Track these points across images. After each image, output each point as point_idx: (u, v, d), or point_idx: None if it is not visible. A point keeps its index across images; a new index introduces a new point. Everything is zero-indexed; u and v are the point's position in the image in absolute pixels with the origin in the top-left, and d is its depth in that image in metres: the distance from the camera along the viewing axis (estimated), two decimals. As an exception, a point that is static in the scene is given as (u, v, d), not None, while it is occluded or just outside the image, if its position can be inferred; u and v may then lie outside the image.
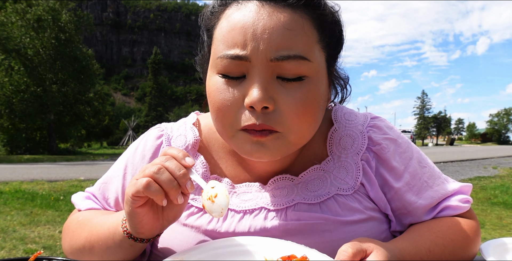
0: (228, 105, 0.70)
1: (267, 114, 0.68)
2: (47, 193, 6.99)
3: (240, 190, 0.84)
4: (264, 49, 0.67)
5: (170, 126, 0.93)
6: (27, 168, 12.91)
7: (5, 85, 23.19)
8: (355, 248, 0.61)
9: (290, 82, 0.69)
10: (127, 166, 0.90)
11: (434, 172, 0.86)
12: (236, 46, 0.68)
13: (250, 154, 0.72)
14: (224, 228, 0.79)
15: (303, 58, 0.68)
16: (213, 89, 0.72)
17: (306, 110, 0.70)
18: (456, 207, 0.82)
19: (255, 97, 0.66)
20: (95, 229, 0.79)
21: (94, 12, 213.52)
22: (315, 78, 0.71)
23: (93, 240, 0.79)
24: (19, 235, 4.36)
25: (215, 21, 0.75)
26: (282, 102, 0.68)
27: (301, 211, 0.78)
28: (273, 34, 0.67)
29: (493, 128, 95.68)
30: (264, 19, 0.67)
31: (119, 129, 66.49)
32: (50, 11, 24.35)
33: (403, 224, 0.84)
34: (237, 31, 0.68)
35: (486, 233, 4.63)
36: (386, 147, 0.84)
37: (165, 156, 0.68)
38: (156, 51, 75.03)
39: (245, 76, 0.69)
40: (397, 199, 0.82)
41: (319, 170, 0.83)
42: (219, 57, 0.70)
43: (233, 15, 0.70)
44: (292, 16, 0.68)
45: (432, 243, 0.74)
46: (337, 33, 0.77)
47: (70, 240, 0.85)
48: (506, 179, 9.60)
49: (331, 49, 0.77)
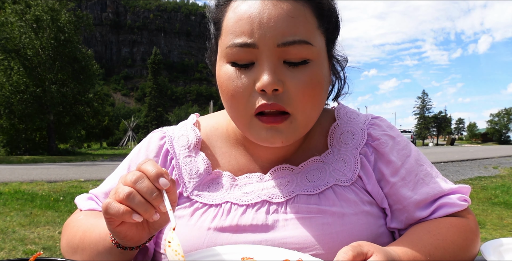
0: (241, 91, 0.75)
1: (277, 95, 0.73)
2: (46, 194, 6.99)
3: (241, 182, 0.87)
4: (271, 36, 0.72)
5: (171, 128, 0.97)
6: (26, 168, 12.91)
7: (4, 86, 23.19)
8: (355, 250, 0.62)
9: (296, 66, 0.74)
10: (131, 166, 0.92)
11: (431, 171, 0.87)
12: (244, 35, 0.73)
13: (266, 140, 0.76)
14: (227, 222, 0.81)
15: (307, 43, 0.73)
16: (224, 78, 0.77)
17: (311, 90, 0.75)
18: (453, 204, 0.82)
19: (265, 80, 0.71)
20: (89, 231, 0.81)
21: (93, 12, 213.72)
22: (318, 61, 0.76)
23: (85, 242, 0.80)
24: (18, 236, 4.36)
25: (222, 14, 0.79)
26: (290, 84, 0.74)
27: (300, 203, 0.81)
28: (278, 22, 0.72)
29: (493, 128, 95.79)
30: (269, 8, 0.72)
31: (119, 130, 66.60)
32: (49, 12, 24.34)
33: (399, 220, 0.84)
34: (244, 21, 0.73)
35: (487, 233, 4.63)
36: (384, 142, 0.87)
37: (138, 173, 0.66)
38: (156, 51, 75.04)
39: (253, 63, 0.74)
40: (393, 193, 0.84)
41: (319, 161, 0.87)
42: (228, 47, 0.75)
43: (240, 7, 0.75)
44: (294, 5, 0.74)
45: (432, 246, 0.74)
46: (334, 19, 0.83)
47: (67, 238, 0.86)
48: (507, 179, 9.61)
49: (330, 34, 0.82)
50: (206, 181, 0.88)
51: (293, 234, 0.77)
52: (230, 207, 0.83)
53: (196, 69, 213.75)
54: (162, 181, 0.65)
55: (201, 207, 0.84)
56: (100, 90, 32.57)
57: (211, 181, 0.88)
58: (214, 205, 0.84)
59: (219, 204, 0.84)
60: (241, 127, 0.80)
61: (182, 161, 0.90)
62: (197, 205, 0.85)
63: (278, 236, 0.78)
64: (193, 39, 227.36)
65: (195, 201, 0.85)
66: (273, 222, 0.80)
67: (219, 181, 0.88)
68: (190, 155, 0.90)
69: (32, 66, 24.40)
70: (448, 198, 0.83)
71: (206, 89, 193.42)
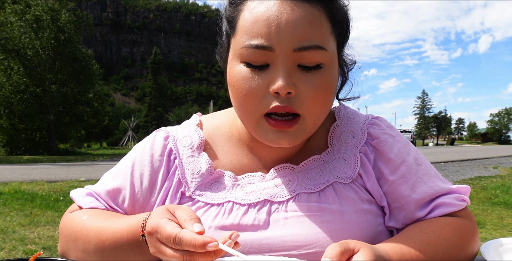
0: (254, 92, 0.76)
1: (290, 98, 0.75)
2: (46, 194, 6.99)
3: (243, 181, 0.87)
4: (287, 41, 0.73)
5: (174, 128, 0.97)
6: (26, 168, 12.91)
7: (4, 86, 23.17)
8: (342, 247, 0.63)
9: (310, 70, 0.76)
10: (135, 163, 0.91)
11: (430, 171, 0.87)
12: (261, 37, 0.74)
13: (273, 141, 0.78)
14: (229, 221, 0.81)
15: (321, 48, 0.75)
16: (238, 78, 0.78)
17: (323, 94, 0.77)
18: (450, 204, 0.82)
19: (280, 84, 0.73)
20: (105, 235, 0.78)
21: (93, 12, 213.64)
22: (330, 65, 0.78)
23: (105, 249, 0.78)
24: (18, 236, 4.36)
25: (238, 13, 0.79)
26: (302, 88, 0.75)
27: (301, 202, 0.82)
28: (295, 26, 0.73)
29: (493, 127, 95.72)
30: (287, 12, 0.73)
31: (119, 130, 66.59)
32: (49, 11, 24.31)
33: (397, 219, 0.84)
34: (261, 23, 0.74)
35: (487, 233, 4.63)
36: (384, 141, 0.88)
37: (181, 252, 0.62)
38: (156, 51, 75.02)
39: (268, 65, 0.75)
40: (392, 191, 0.84)
41: (319, 160, 0.88)
42: (243, 47, 0.75)
43: (257, 8, 0.75)
44: (311, 10, 0.74)
45: (422, 243, 0.74)
46: (346, 23, 0.84)
47: (74, 241, 0.83)
48: (507, 179, 9.60)
49: (341, 38, 0.84)
50: (208, 180, 0.88)
51: (293, 232, 0.78)
52: (232, 206, 0.83)
53: (196, 69, 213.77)
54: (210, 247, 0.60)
55: (203, 206, 0.84)
56: (100, 90, 32.58)
57: (213, 181, 0.88)
58: (216, 204, 0.84)
59: (221, 204, 0.84)
60: (249, 126, 0.81)
61: (185, 161, 0.90)
62: (199, 204, 0.85)
63: (277, 234, 0.78)
64: (193, 39, 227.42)
65: (197, 200, 0.86)
66: (274, 221, 0.80)
67: (221, 180, 0.88)
68: (193, 155, 0.91)
69: (32, 66, 24.38)
70: (446, 197, 0.83)
71: (206, 89, 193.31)
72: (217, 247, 0.60)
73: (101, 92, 32.60)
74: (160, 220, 0.65)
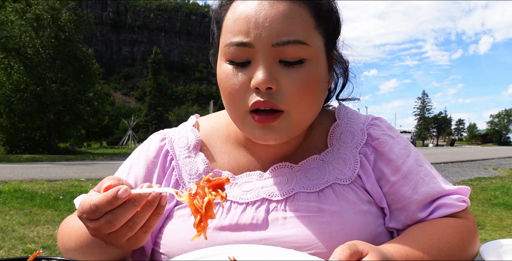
0: (237, 88, 0.76)
1: (271, 94, 0.75)
2: (46, 193, 6.99)
3: (241, 180, 0.87)
4: (266, 36, 0.73)
5: (171, 130, 0.98)
6: (26, 167, 12.91)
7: (4, 84, 23.20)
8: (352, 249, 0.63)
9: (292, 65, 0.75)
10: (131, 167, 0.92)
11: (430, 172, 0.87)
12: (241, 34, 0.75)
13: (259, 137, 0.78)
14: (227, 220, 0.81)
15: (302, 43, 0.74)
16: (223, 76, 0.79)
17: (306, 89, 0.76)
18: (451, 205, 0.82)
19: (259, 79, 0.73)
20: (80, 231, 0.79)
21: (94, 11, 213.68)
22: (314, 61, 0.77)
23: (82, 243, 0.79)
24: (18, 235, 4.36)
25: (223, 14, 0.81)
26: (284, 83, 0.75)
27: (299, 201, 0.82)
28: (273, 22, 0.73)
29: (493, 129, 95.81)
30: (266, 9, 0.74)
31: (119, 129, 66.53)
32: (49, 10, 24.36)
33: (397, 220, 0.84)
34: (241, 21, 0.75)
35: (487, 234, 4.63)
36: (384, 142, 0.88)
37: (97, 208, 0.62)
38: (156, 50, 74.98)
39: (249, 62, 0.76)
40: (393, 192, 0.84)
41: (319, 160, 0.88)
42: (226, 45, 0.77)
43: (238, 7, 0.77)
44: (290, 5, 0.75)
45: (426, 245, 0.74)
46: (333, 20, 0.84)
47: (62, 240, 0.85)
48: (507, 180, 9.61)
49: (329, 34, 0.83)
50: None
51: (292, 233, 0.78)
52: (230, 205, 0.84)
53: (197, 69, 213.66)
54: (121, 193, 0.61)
55: None
56: (100, 89, 32.55)
57: None
58: (214, 204, 0.84)
59: (219, 203, 0.83)
60: (237, 123, 0.81)
61: (182, 162, 0.90)
62: None
63: (277, 234, 0.78)
64: (194, 39, 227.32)
65: None
66: (273, 220, 0.80)
67: None
68: (190, 156, 0.91)
69: (32, 65, 24.40)
70: (447, 198, 0.83)
71: (206, 88, 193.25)
72: (128, 192, 0.61)
73: (101, 91, 32.56)
74: (84, 203, 0.64)
